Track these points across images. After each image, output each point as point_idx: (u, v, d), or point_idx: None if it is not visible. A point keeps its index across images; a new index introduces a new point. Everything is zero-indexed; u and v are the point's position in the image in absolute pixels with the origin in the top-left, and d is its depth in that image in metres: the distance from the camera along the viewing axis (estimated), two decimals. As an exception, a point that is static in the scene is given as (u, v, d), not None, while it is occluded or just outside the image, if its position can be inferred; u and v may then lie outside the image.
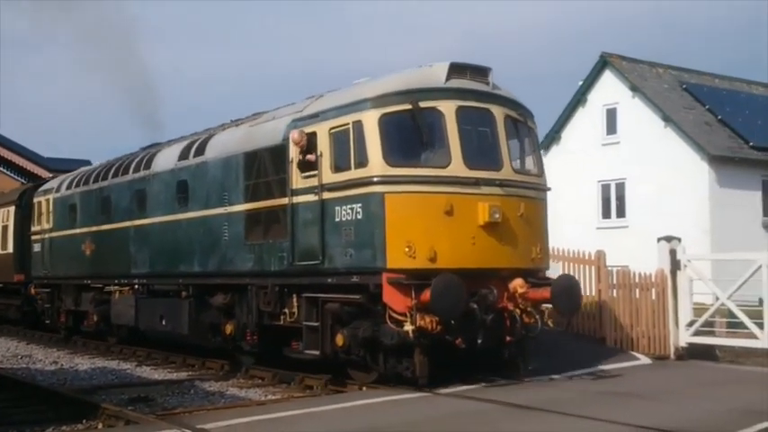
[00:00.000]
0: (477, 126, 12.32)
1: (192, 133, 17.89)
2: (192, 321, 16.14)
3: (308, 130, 12.83)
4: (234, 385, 14.28)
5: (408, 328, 11.28)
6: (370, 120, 11.82)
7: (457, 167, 11.84)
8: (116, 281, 19.07)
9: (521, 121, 12.88)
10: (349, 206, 11.97)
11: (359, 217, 11.82)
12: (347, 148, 12.16)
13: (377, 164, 11.66)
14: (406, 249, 11.46)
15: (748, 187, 29.26)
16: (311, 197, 12.71)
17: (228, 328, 15.20)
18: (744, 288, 14.84)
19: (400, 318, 11.41)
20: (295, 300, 13.46)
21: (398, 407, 11.00)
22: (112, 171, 19.70)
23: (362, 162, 11.85)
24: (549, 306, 12.66)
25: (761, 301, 15.07)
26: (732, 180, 28.53)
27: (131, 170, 18.70)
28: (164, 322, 17.10)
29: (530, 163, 12.91)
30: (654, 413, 10.33)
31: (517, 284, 12.04)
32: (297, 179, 13.04)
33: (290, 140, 13.05)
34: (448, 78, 12.18)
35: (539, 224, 12.81)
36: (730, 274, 11.44)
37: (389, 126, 11.82)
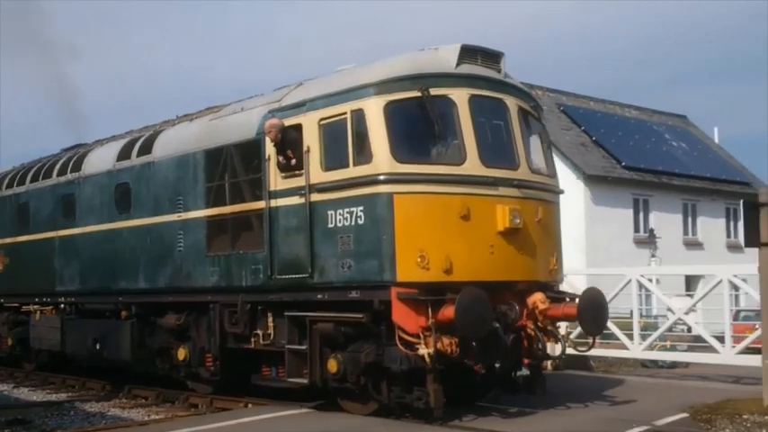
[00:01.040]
0: (490, 118, 10.77)
1: (128, 131, 15.74)
2: (135, 345, 14.02)
3: (290, 122, 11.04)
4: (116, 405, 13.84)
5: (424, 351, 9.60)
6: (374, 108, 10.10)
7: (473, 165, 10.26)
8: (36, 299, 16.66)
9: (533, 115, 11.40)
10: (347, 209, 10.22)
11: (360, 222, 10.07)
12: (343, 143, 10.40)
13: (383, 160, 9.95)
14: (419, 259, 9.79)
15: (620, 205, 30.10)
16: (295, 200, 10.90)
17: (182, 353, 13.18)
18: (616, 301, 15.04)
19: (412, 339, 9.71)
20: (271, 319, 11.59)
21: (288, 423, 10.75)
22: (31, 175, 17.31)
23: (365, 158, 10.12)
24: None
25: (631, 314, 15.87)
26: (606, 198, 29.31)
27: (55, 173, 16.39)
28: (98, 346, 14.87)
29: (542, 162, 11.42)
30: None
31: (537, 300, 10.51)
32: (275, 179, 11.20)
33: (267, 135, 11.23)
34: (458, 63, 10.58)
35: (555, 231, 11.33)
36: (604, 288, 11.23)
37: (396, 116, 10.14)
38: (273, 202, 11.20)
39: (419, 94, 10.14)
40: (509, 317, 10.19)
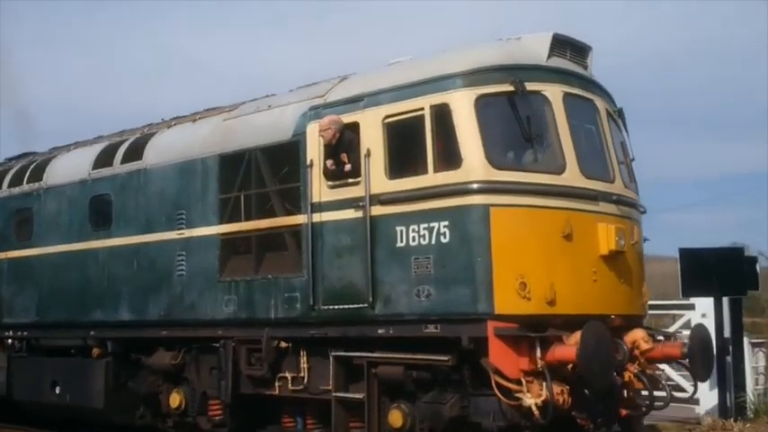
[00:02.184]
0: (582, 121, 9.13)
1: (97, 137, 13.43)
2: (112, 390, 11.68)
3: (344, 120, 9.15)
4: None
5: (531, 401, 7.78)
6: (463, 102, 8.32)
7: (573, 175, 8.58)
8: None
9: (617, 121, 9.83)
10: (424, 225, 8.35)
11: (444, 240, 8.21)
12: (418, 144, 8.57)
13: (477, 165, 8.16)
14: (519, 287, 8.00)
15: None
16: (349, 213, 8.98)
17: (175, 399, 10.99)
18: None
19: (512, 386, 7.88)
20: (305, 359, 9.57)
21: None
22: (-29, 186, 14.69)
23: (450, 162, 8.31)
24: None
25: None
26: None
27: (5, 184, 13.90)
28: (58, 391, 12.43)
29: (626, 175, 9.82)
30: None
31: (639, 338, 8.83)
32: (320, 189, 9.26)
33: (309, 135, 9.36)
34: (549, 55, 8.93)
35: (643, 256, 9.72)
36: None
37: (488, 113, 8.39)
38: (317, 217, 9.23)
39: (512, 88, 8.42)
40: (618, 359, 8.48)
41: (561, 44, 9.07)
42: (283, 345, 9.74)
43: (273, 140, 9.83)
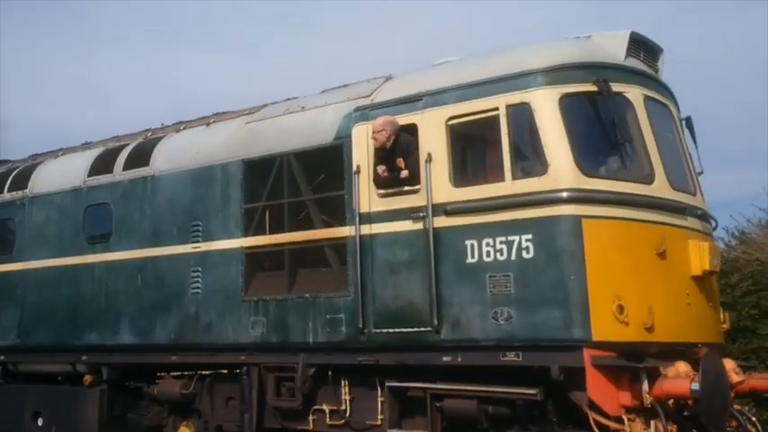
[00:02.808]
0: (663, 128, 8.28)
1: (85, 143, 12.18)
2: (107, 422, 10.44)
3: (400, 122, 8.18)
4: None
5: (634, 442, 6.84)
6: (547, 102, 7.42)
7: (662, 186, 7.73)
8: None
9: (684, 129, 9.03)
10: (502, 238, 7.39)
11: (526, 255, 7.26)
12: (492, 148, 7.67)
13: (566, 171, 7.24)
14: (617, 310, 7.07)
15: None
16: (406, 225, 7.98)
17: (184, 434, 9.76)
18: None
19: (612, 425, 6.93)
20: (347, 390, 8.51)
21: None
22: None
23: (534, 168, 7.39)
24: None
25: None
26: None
27: (-19, 192, 12.53)
28: (41, 422, 11.11)
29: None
30: None
31: (730, 369, 7.95)
32: (370, 198, 8.25)
33: (355, 138, 8.36)
34: (627, 55, 8.09)
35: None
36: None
37: (573, 114, 7.49)
38: (367, 229, 8.21)
39: (595, 88, 7.54)
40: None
41: (637, 44, 8.24)
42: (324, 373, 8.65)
43: (310, 144, 8.79)
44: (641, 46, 8.34)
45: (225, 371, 9.69)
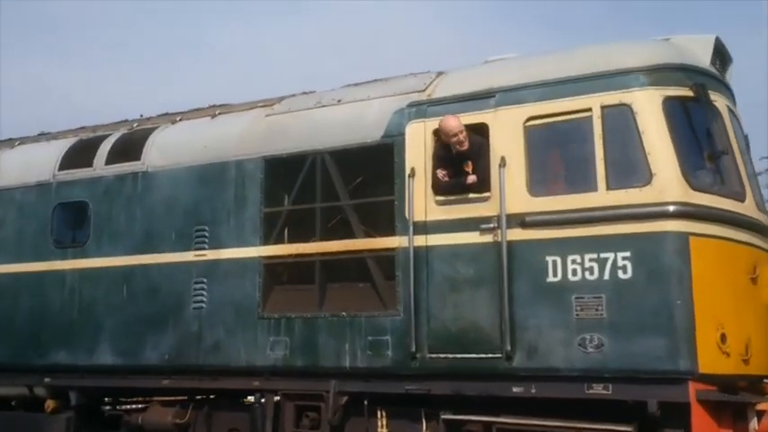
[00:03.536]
0: (742, 144, 7.68)
1: (41, 133, 10.74)
2: (74, 455, 9.03)
3: (465, 120, 7.30)
4: None
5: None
6: (651, 104, 6.68)
7: (751, 205, 7.11)
8: None
9: None
10: (591, 255, 6.59)
11: (623, 275, 6.47)
12: (580, 153, 6.87)
13: (673, 182, 6.50)
14: (720, 339, 6.38)
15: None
16: (472, 237, 7.09)
17: (174, 470, 8.51)
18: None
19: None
20: (384, 422, 7.50)
21: None
22: None
23: (634, 177, 6.62)
24: None
25: None
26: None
27: None
28: (-14, 455, 9.58)
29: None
30: None
31: None
32: (427, 205, 7.31)
33: (410, 137, 7.42)
34: (712, 61, 7.48)
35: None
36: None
37: (675, 119, 6.78)
38: (422, 240, 7.26)
39: (693, 93, 6.88)
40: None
41: (717, 51, 7.64)
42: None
43: (351, 142, 7.78)
44: (719, 54, 7.74)
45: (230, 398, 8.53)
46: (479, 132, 7.21)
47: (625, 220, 6.52)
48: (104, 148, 9.35)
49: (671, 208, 6.43)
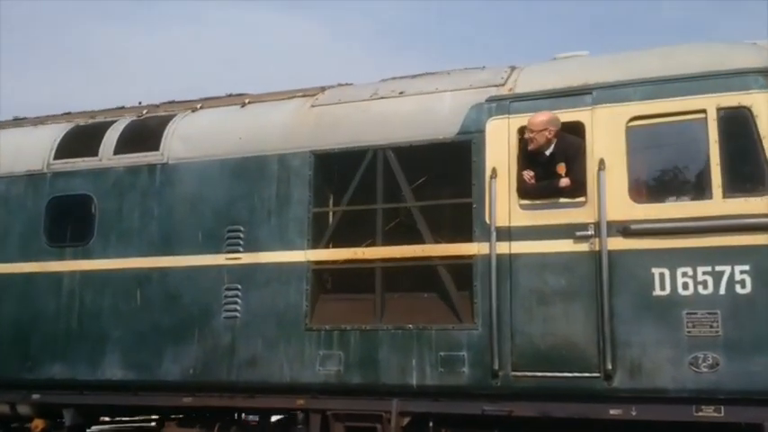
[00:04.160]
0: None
1: (17, 118, 9.61)
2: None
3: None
4: None
5: None
6: (770, 106, 6.28)
7: None
8: None
9: None
10: (705, 268, 6.11)
11: (741, 290, 6.01)
12: (691, 157, 6.41)
13: (796, 190, 6.13)
14: (834, 359, 6.01)
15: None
16: (564, 245, 6.51)
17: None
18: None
19: None
20: (453, 446, 6.83)
21: None
22: None
23: (754, 185, 6.18)
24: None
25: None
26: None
27: None
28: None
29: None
30: None
31: None
32: (511, 209, 6.69)
33: (491, 135, 6.80)
34: None
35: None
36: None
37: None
38: (504, 247, 6.63)
39: None
40: None
41: None
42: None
43: (420, 138, 7.10)
44: None
45: (254, 416, 7.67)
46: (574, 132, 6.66)
47: (744, 231, 6.07)
48: (111, 137, 8.34)
49: (793, 218, 6.02)
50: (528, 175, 6.71)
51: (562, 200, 6.59)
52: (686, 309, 6.11)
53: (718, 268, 6.07)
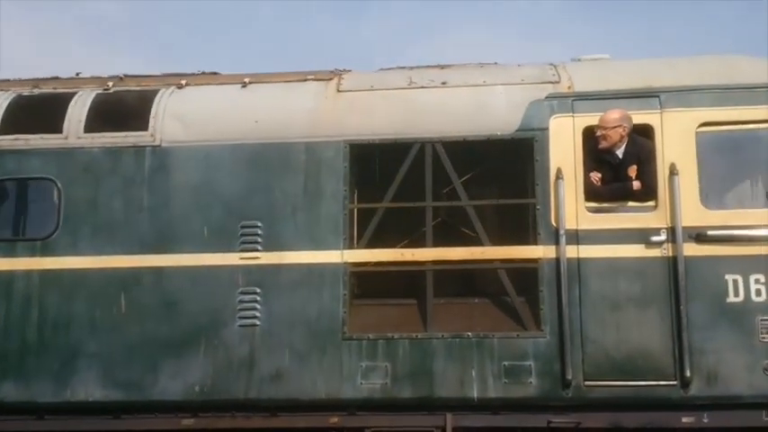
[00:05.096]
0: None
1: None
2: None
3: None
4: None
5: None
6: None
7: None
8: None
9: None
10: (785, 274, 6.25)
11: (812, 297, 6.21)
12: (758, 164, 6.50)
13: None
14: None
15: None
16: (636, 250, 6.37)
17: None
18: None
19: None
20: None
21: None
22: None
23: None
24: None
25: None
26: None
27: None
28: None
29: None
30: None
31: None
32: (578, 212, 6.45)
33: (554, 133, 6.54)
34: None
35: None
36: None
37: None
38: (573, 251, 6.37)
39: None
40: None
41: None
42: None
43: (474, 132, 6.63)
44: None
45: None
46: (643, 134, 6.53)
47: (814, 238, 6.26)
48: (78, 110, 7.02)
49: None
50: (596, 176, 6.49)
51: (631, 203, 6.43)
52: (760, 315, 6.17)
53: None
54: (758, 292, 6.21)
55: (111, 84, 7.31)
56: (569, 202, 6.41)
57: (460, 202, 6.58)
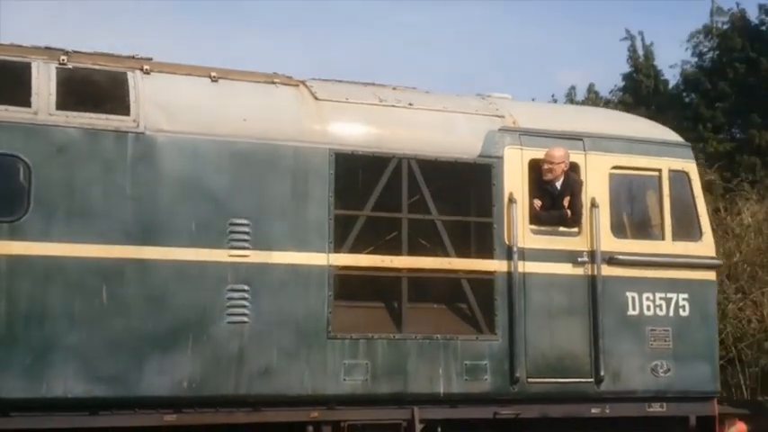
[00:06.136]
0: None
1: None
2: None
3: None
4: None
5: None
6: (697, 176, 8.33)
7: None
8: None
9: None
10: (661, 294, 7.84)
11: (683, 313, 7.88)
12: (652, 206, 8.12)
13: (712, 241, 8.29)
14: (716, 364, 8.42)
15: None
16: (566, 268, 7.64)
17: None
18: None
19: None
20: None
21: None
22: None
23: (690, 233, 8.09)
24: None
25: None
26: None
27: None
28: None
29: None
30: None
31: None
32: (524, 232, 7.55)
33: (508, 162, 7.58)
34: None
35: None
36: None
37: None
38: (521, 266, 7.45)
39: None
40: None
41: None
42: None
43: (444, 154, 7.36)
44: None
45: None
46: (576, 171, 7.76)
47: (685, 267, 7.98)
48: (45, 83, 6.44)
49: (713, 261, 8.17)
50: (538, 203, 7.59)
51: (563, 229, 7.64)
52: (649, 326, 7.76)
53: (668, 295, 7.89)
54: (648, 308, 7.77)
55: (64, 58, 6.77)
56: (519, 224, 7.43)
57: (431, 216, 7.26)
